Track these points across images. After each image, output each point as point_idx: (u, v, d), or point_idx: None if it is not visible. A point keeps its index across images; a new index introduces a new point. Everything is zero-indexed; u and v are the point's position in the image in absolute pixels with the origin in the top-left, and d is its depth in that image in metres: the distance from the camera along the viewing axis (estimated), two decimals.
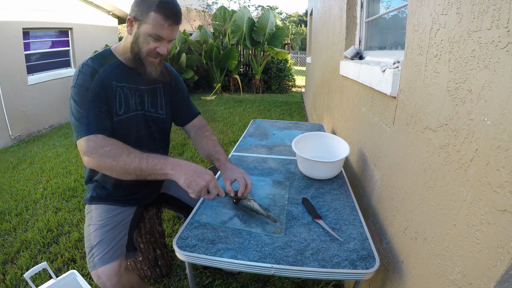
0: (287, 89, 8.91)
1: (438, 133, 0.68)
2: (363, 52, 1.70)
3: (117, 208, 1.17)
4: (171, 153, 3.40)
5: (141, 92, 1.09)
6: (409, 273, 0.79)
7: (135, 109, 1.08)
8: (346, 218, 0.99)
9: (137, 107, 1.08)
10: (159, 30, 0.92)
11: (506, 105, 0.46)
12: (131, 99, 1.06)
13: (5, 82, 4.46)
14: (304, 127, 2.13)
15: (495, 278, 0.47)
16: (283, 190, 1.17)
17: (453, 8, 0.62)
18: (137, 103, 1.08)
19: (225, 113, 5.48)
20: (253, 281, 1.53)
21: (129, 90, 1.05)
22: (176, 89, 1.23)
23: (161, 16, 0.90)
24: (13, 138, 4.66)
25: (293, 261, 0.79)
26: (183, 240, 0.87)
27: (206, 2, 12.44)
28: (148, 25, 0.91)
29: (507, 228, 0.45)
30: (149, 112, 1.13)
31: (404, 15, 1.18)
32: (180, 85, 1.26)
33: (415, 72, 0.81)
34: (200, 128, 1.28)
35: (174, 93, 1.23)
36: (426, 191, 0.72)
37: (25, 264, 1.69)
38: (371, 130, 1.21)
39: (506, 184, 0.46)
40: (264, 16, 7.66)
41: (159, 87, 1.15)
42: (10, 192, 2.69)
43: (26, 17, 4.78)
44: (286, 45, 9.55)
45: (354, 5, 1.77)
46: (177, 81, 1.25)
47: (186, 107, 1.28)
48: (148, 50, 0.96)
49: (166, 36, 0.94)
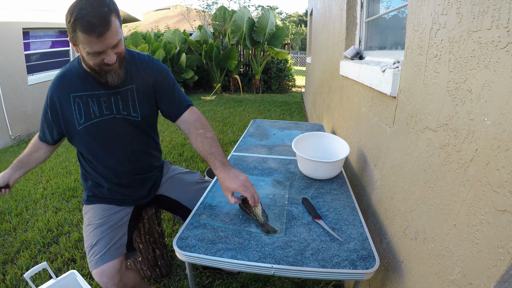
0: (287, 89, 8.91)
1: (438, 133, 0.68)
2: (363, 52, 1.70)
3: (114, 207, 1.18)
4: (171, 153, 3.40)
5: (107, 97, 1.06)
6: (409, 273, 0.79)
7: (99, 115, 1.06)
8: (346, 218, 0.98)
9: (102, 113, 1.06)
10: (92, 46, 0.87)
11: (506, 105, 0.46)
12: (93, 106, 1.05)
13: (5, 82, 4.47)
14: (304, 127, 2.13)
15: (495, 278, 0.47)
16: (283, 190, 1.17)
17: (453, 8, 0.62)
18: (102, 109, 1.06)
19: (225, 113, 5.48)
20: (253, 281, 1.53)
21: (90, 97, 1.04)
22: (157, 84, 1.14)
23: (84, 33, 0.84)
24: (13, 138, 4.66)
25: (293, 261, 0.79)
26: (183, 240, 0.87)
27: (206, 2, 12.43)
28: (82, 45, 0.88)
29: (507, 228, 0.45)
30: (121, 114, 1.09)
31: (404, 15, 1.18)
32: (163, 79, 1.16)
33: (415, 72, 0.81)
34: (193, 123, 1.14)
35: (155, 89, 1.14)
36: (426, 191, 0.72)
37: (25, 264, 1.69)
38: (371, 130, 1.21)
39: (506, 184, 0.46)
40: (264, 16, 7.66)
41: (130, 88, 1.09)
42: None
43: (26, 17, 4.78)
44: (286, 45, 9.55)
45: (354, 5, 1.77)
46: (158, 76, 1.14)
47: (172, 101, 1.16)
48: (97, 64, 0.94)
49: (102, 49, 0.89)
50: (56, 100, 1.05)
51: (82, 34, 0.84)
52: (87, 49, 0.88)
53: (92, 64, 0.93)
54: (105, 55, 0.91)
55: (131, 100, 1.10)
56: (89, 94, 1.05)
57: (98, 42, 0.87)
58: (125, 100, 1.09)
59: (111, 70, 0.97)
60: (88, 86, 1.04)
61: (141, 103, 1.12)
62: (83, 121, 1.05)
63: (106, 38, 0.87)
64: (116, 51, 0.94)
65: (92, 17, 0.83)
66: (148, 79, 1.12)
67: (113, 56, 0.93)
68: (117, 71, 0.99)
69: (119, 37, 0.92)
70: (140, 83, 1.11)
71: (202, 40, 7.94)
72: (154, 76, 1.13)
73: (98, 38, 0.86)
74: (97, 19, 0.84)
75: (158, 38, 8.44)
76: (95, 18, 0.83)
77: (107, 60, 0.92)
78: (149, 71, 1.13)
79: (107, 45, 0.89)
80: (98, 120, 1.07)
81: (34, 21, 4.95)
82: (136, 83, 1.10)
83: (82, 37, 0.85)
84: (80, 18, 0.82)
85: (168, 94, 1.17)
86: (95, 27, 0.84)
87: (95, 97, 1.05)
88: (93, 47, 0.87)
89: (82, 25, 0.83)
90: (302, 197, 1.11)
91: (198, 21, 12.58)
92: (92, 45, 0.87)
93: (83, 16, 0.82)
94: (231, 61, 7.62)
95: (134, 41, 7.33)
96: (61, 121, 1.07)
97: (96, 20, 0.83)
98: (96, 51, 0.89)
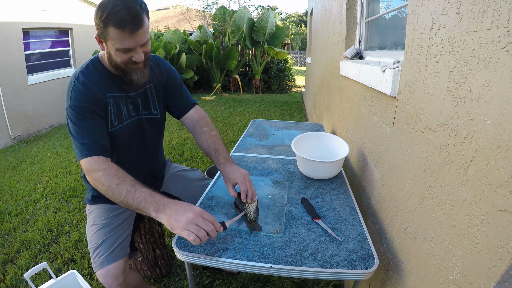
0: (287, 89, 8.91)
1: (438, 133, 0.68)
2: (363, 52, 1.70)
3: (119, 208, 1.18)
4: (171, 153, 3.40)
5: (133, 99, 1.08)
6: (409, 273, 0.79)
7: (129, 117, 1.08)
8: (346, 218, 0.98)
9: (130, 114, 1.08)
10: (123, 43, 0.88)
11: (506, 105, 0.46)
12: (123, 108, 1.06)
13: (5, 82, 4.47)
14: (304, 127, 2.13)
15: (495, 278, 0.47)
16: (282, 190, 1.17)
17: (453, 8, 0.61)
18: (130, 110, 1.07)
19: (225, 113, 5.48)
20: (253, 281, 1.53)
21: (120, 99, 1.05)
22: (168, 82, 1.20)
23: (117, 29, 0.85)
24: (13, 138, 4.67)
25: (292, 261, 0.79)
26: (183, 240, 0.87)
27: (206, 2, 12.44)
28: (112, 41, 0.88)
29: (507, 228, 0.45)
30: (144, 115, 1.13)
31: (404, 15, 1.18)
32: (173, 78, 1.22)
33: (415, 72, 0.81)
34: (198, 121, 1.21)
35: (167, 87, 1.20)
36: (426, 191, 0.72)
37: (25, 264, 1.69)
38: (371, 130, 1.21)
39: (506, 184, 0.45)
40: (264, 16, 7.66)
41: (149, 87, 1.13)
42: (10, 192, 2.69)
43: (26, 17, 4.78)
44: (286, 45, 9.55)
45: (354, 5, 1.77)
46: (169, 75, 1.20)
47: (180, 98, 1.23)
48: (124, 61, 0.94)
49: (132, 46, 0.90)
50: (100, 96, 0.98)
51: (114, 29, 0.85)
52: (117, 45, 0.89)
53: (120, 61, 0.94)
54: (134, 52, 0.92)
55: (151, 98, 1.14)
56: (120, 96, 1.04)
57: (129, 38, 0.88)
58: (146, 99, 1.13)
59: (137, 69, 0.98)
60: (118, 86, 1.04)
61: (159, 101, 1.17)
62: (116, 123, 1.04)
63: (137, 35, 0.88)
64: (144, 50, 0.95)
65: (126, 14, 0.84)
66: (161, 78, 1.17)
67: (141, 54, 0.94)
68: (142, 70, 1.00)
69: (148, 37, 0.93)
70: (155, 81, 1.15)
71: (202, 40, 7.94)
72: (165, 75, 1.19)
73: (130, 34, 0.87)
74: (130, 16, 0.85)
75: (158, 38, 8.44)
76: (129, 15, 0.85)
77: (136, 58, 0.93)
78: (162, 69, 1.18)
79: (138, 43, 0.91)
80: (128, 122, 1.08)
81: (34, 21, 4.95)
82: (152, 82, 1.14)
83: (113, 33, 0.86)
84: (114, 14, 0.84)
85: (177, 91, 1.22)
86: (128, 24, 0.85)
87: (124, 98, 1.06)
88: (124, 43, 0.88)
89: (116, 21, 0.84)
90: (301, 197, 1.11)
91: (198, 21, 12.58)
92: (124, 41, 0.88)
93: (117, 12, 0.84)
94: (231, 61, 7.62)
95: None
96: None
97: (129, 17, 0.85)
98: (126, 48, 0.90)
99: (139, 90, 1.10)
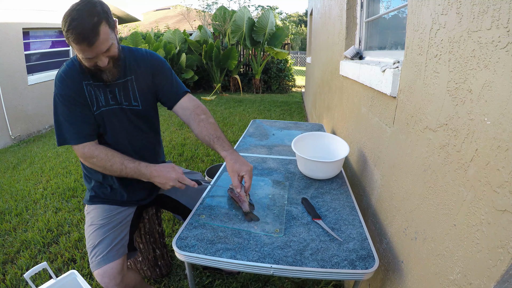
0: (287, 89, 8.91)
1: (438, 133, 0.68)
2: (363, 52, 1.70)
3: (117, 208, 1.18)
4: (171, 153, 3.40)
5: (111, 88, 1.10)
6: (409, 273, 0.79)
7: (106, 104, 1.10)
8: (346, 218, 0.98)
9: (108, 103, 1.10)
10: (84, 53, 0.93)
11: (506, 105, 0.46)
12: (99, 95, 1.08)
13: (5, 82, 4.46)
14: (304, 127, 2.13)
15: (495, 278, 0.47)
16: (282, 190, 1.17)
17: (453, 8, 0.61)
18: (108, 99, 1.10)
19: (225, 113, 5.48)
20: (253, 281, 1.53)
21: (96, 87, 1.07)
22: (155, 73, 1.18)
23: (74, 42, 0.89)
24: (13, 138, 4.66)
25: (292, 261, 0.79)
26: (183, 240, 0.87)
27: (206, 2, 12.44)
28: (76, 50, 0.93)
29: (507, 228, 0.45)
30: (124, 105, 1.14)
31: (404, 15, 1.18)
32: (160, 67, 1.19)
33: (415, 72, 0.81)
34: (193, 110, 1.17)
35: (154, 78, 1.18)
36: (426, 191, 0.72)
37: (25, 264, 1.69)
38: (371, 130, 1.21)
39: (506, 184, 0.45)
40: (264, 16, 7.66)
41: (130, 79, 1.13)
42: (10, 192, 2.69)
43: (26, 17, 4.78)
44: (286, 45, 9.55)
45: (354, 5, 1.77)
46: (156, 65, 1.18)
47: (169, 87, 1.20)
48: (91, 66, 0.98)
49: (93, 55, 0.93)
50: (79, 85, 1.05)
51: (72, 42, 0.90)
52: (80, 54, 0.95)
53: (87, 65, 0.99)
54: (97, 59, 0.96)
55: (131, 90, 1.14)
56: (96, 84, 1.07)
57: (88, 50, 0.92)
58: (126, 91, 1.13)
59: (105, 70, 1.02)
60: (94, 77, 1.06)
61: (141, 93, 1.17)
62: (95, 108, 1.08)
63: (96, 46, 0.92)
64: (108, 55, 0.98)
65: (81, 29, 0.87)
66: (147, 69, 1.17)
67: (104, 60, 0.97)
68: (112, 70, 1.03)
69: (109, 43, 0.95)
70: (139, 73, 1.15)
71: (202, 40, 7.94)
72: (152, 66, 1.18)
73: (89, 47, 0.91)
74: (86, 31, 0.88)
75: (158, 38, 8.44)
76: (84, 29, 0.87)
77: (100, 63, 0.97)
78: (147, 61, 1.18)
79: (97, 52, 0.94)
80: (105, 109, 1.10)
81: (34, 21, 4.95)
82: (134, 74, 1.14)
83: (73, 45, 0.91)
84: (71, 30, 0.87)
85: (166, 81, 1.21)
86: (84, 39, 0.88)
87: (100, 87, 1.08)
88: (85, 54, 0.93)
89: (73, 37, 0.88)
90: (301, 197, 1.11)
91: (198, 21, 12.58)
92: (84, 52, 0.92)
93: (74, 28, 0.87)
94: (231, 61, 7.62)
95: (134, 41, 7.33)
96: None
97: (85, 32, 0.88)
98: (88, 57, 0.94)
99: (119, 81, 1.10)
